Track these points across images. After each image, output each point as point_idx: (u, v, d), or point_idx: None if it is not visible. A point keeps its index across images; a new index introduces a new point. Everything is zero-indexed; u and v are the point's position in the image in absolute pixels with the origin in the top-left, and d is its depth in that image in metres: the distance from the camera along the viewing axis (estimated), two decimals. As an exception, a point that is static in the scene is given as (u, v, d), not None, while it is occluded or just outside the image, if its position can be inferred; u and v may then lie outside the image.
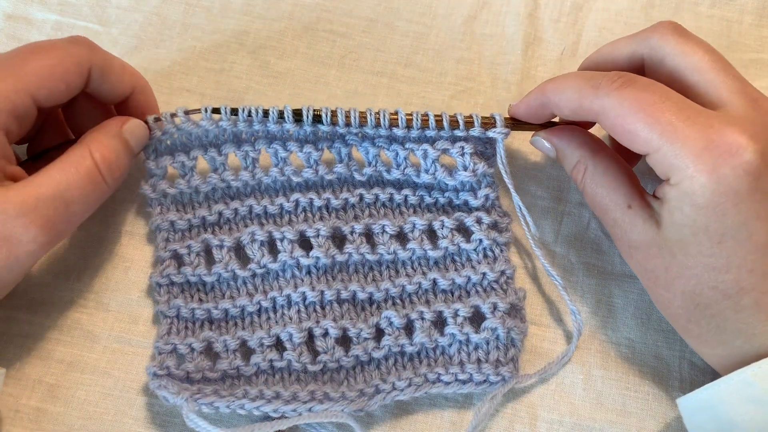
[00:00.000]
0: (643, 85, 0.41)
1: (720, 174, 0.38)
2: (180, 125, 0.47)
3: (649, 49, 0.45)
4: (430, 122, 0.47)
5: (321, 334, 0.46)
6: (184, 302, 0.46)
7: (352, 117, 0.46)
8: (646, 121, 0.40)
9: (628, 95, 0.41)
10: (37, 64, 0.42)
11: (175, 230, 0.48)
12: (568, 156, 0.47)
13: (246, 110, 0.46)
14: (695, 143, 0.39)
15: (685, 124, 0.39)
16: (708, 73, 0.42)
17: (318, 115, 0.47)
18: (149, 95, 0.49)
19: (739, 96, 0.41)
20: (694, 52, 0.43)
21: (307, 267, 0.47)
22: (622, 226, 0.43)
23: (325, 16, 0.56)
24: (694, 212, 0.39)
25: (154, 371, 0.44)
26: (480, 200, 0.49)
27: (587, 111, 0.43)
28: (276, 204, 0.48)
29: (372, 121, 0.46)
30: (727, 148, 0.38)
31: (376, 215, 0.49)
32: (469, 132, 0.47)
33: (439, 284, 0.48)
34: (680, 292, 0.41)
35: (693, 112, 0.40)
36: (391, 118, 0.47)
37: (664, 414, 0.47)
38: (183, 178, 0.48)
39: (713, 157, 0.38)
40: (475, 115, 0.47)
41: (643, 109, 0.40)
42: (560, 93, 0.44)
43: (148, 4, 0.56)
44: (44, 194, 0.40)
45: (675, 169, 0.39)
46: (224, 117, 0.47)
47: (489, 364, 0.46)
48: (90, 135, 0.44)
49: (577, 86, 0.43)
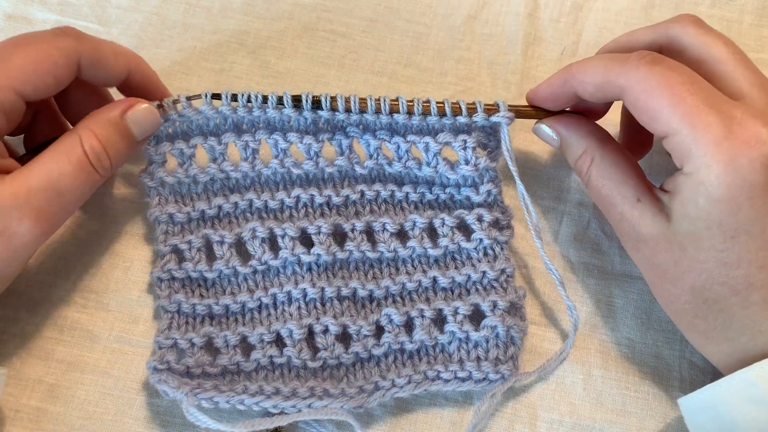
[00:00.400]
0: (672, 65, 0.40)
1: (737, 165, 0.38)
2: (182, 112, 0.47)
3: (668, 40, 0.44)
4: (432, 108, 0.46)
5: (321, 331, 0.46)
6: (185, 297, 0.46)
7: (352, 103, 0.46)
8: (670, 101, 0.39)
9: (657, 72, 0.40)
10: (21, 60, 0.41)
11: (174, 223, 0.48)
12: (574, 145, 0.46)
13: (245, 95, 0.46)
14: (716, 131, 0.38)
15: (710, 111, 0.38)
16: (728, 65, 0.42)
17: (317, 100, 0.46)
18: (146, 72, 0.47)
19: (759, 89, 0.41)
20: (714, 43, 0.42)
21: (308, 264, 0.47)
22: (630, 220, 0.43)
23: (325, 16, 0.57)
24: (708, 204, 0.39)
25: (155, 366, 0.44)
26: (482, 196, 0.48)
27: (613, 86, 0.42)
28: (277, 199, 0.48)
29: (372, 107, 0.46)
30: (746, 139, 0.38)
31: (377, 212, 0.49)
32: (473, 118, 0.46)
33: (440, 282, 0.48)
34: (689, 287, 0.41)
35: (718, 100, 0.39)
36: (392, 104, 0.46)
37: (664, 414, 0.47)
38: (181, 167, 0.48)
39: (732, 148, 0.38)
40: (478, 102, 0.46)
41: (670, 87, 0.39)
42: (586, 69, 0.43)
43: (148, 4, 0.56)
44: (35, 185, 0.40)
45: (691, 155, 0.39)
46: (224, 102, 0.46)
47: (488, 362, 0.46)
48: (83, 122, 0.43)
49: (604, 62, 0.42)
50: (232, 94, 0.47)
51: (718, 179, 0.38)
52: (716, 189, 0.38)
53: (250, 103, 0.47)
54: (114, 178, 0.51)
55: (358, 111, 0.46)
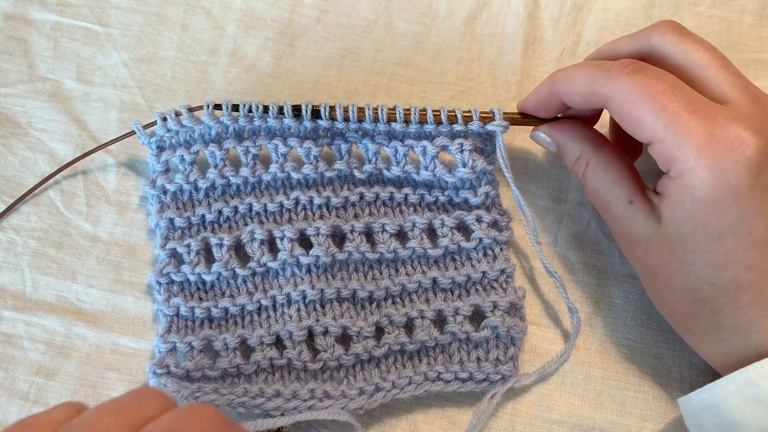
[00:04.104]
0: (654, 73, 0.41)
1: (721, 169, 0.38)
2: (184, 122, 0.47)
3: (649, 48, 0.44)
4: (428, 117, 0.47)
5: (321, 333, 0.46)
6: (184, 301, 0.46)
7: (350, 112, 0.47)
8: (653, 109, 0.40)
9: (638, 81, 0.40)
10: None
11: (174, 228, 0.48)
12: (570, 150, 0.47)
13: (246, 106, 0.47)
14: (699, 136, 0.39)
15: (691, 116, 0.39)
16: (709, 70, 0.42)
17: (316, 110, 0.47)
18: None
19: (742, 92, 0.41)
20: (694, 49, 0.43)
21: (307, 266, 0.47)
22: (623, 222, 0.43)
23: (325, 16, 0.56)
24: (693, 207, 0.39)
25: (154, 370, 0.44)
26: (480, 198, 0.49)
27: (597, 96, 0.42)
28: (276, 202, 0.48)
29: (370, 117, 0.47)
30: (729, 143, 0.38)
31: (376, 214, 0.49)
32: (468, 126, 0.47)
33: (439, 283, 0.48)
34: (679, 288, 0.41)
35: (700, 105, 0.40)
36: (389, 113, 0.47)
37: (664, 414, 0.47)
38: (183, 174, 0.48)
39: (715, 152, 0.38)
40: (474, 110, 0.47)
41: (652, 96, 0.40)
42: (571, 79, 0.44)
43: (148, 4, 0.56)
44: None
45: (676, 160, 0.39)
46: (225, 113, 0.47)
47: (489, 362, 0.46)
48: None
49: (587, 72, 0.43)
50: (233, 104, 0.47)
51: (702, 183, 0.39)
52: (701, 192, 0.39)
53: (251, 113, 0.47)
54: (114, 178, 0.51)
55: (356, 120, 0.47)
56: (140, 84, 0.54)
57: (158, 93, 0.53)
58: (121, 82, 0.53)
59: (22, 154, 0.51)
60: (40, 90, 0.53)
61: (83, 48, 0.54)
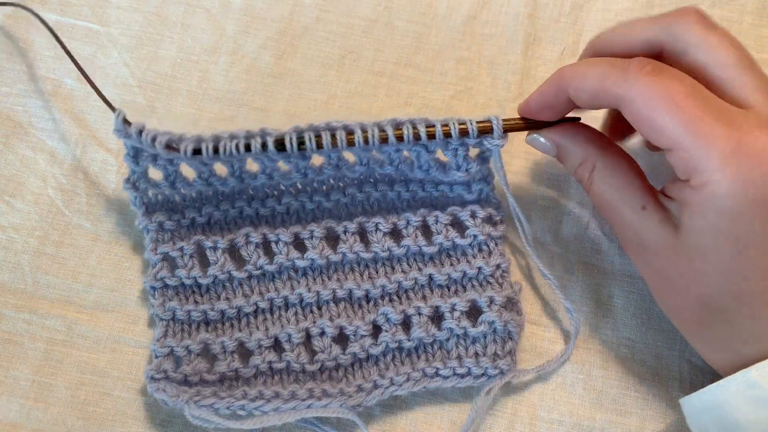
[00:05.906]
0: (674, 75, 0.38)
1: (747, 180, 0.36)
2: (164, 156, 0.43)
3: (671, 38, 0.42)
4: (422, 136, 0.44)
5: (318, 334, 0.46)
6: (180, 304, 0.46)
7: (339, 138, 0.43)
8: (673, 114, 0.37)
9: (659, 83, 0.38)
10: None
11: (163, 230, 0.47)
12: (572, 154, 0.44)
13: (227, 149, 0.42)
14: (724, 145, 0.36)
15: (716, 123, 0.37)
16: (733, 71, 0.40)
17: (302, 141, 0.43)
18: None
19: (766, 96, 0.39)
20: (720, 46, 0.40)
21: (303, 269, 0.47)
22: (634, 228, 0.41)
23: (325, 16, 0.56)
24: (717, 219, 0.37)
25: (152, 375, 0.44)
26: (474, 194, 0.48)
27: (609, 95, 0.39)
28: (268, 207, 0.48)
29: (360, 142, 0.43)
30: (756, 152, 0.36)
31: (369, 212, 0.49)
32: (464, 140, 0.45)
33: (435, 279, 0.48)
34: (694, 297, 0.40)
35: (724, 111, 0.37)
36: (381, 136, 0.44)
37: (664, 414, 0.47)
38: (167, 180, 0.46)
39: (741, 162, 0.36)
40: (470, 122, 0.44)
41: (673, 100, 0.37)
42: (581, 76, 0.41)
43: (148, 4, 0.56)
44: None
45: (699, 170, 0.37)
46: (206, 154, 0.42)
47: (487, 357, 0.46)
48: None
49: (600, 69, 0.40)
50: (213, 146, 0.42)
51: (728, 194, 0.36)
52: (726, 203, 0.37)
53: (232, 156, 0.43)
54: (114, 177, 0.51)
55: (345, 146, 0.43)
56: (141, 83, 0.54)
57: (158, 92, 0.54)
58: (121, 82, 0.54)
59: (22, 154, 0.51)
60: (40, 89, 0.53)
61: (84, 47, 0.54)
